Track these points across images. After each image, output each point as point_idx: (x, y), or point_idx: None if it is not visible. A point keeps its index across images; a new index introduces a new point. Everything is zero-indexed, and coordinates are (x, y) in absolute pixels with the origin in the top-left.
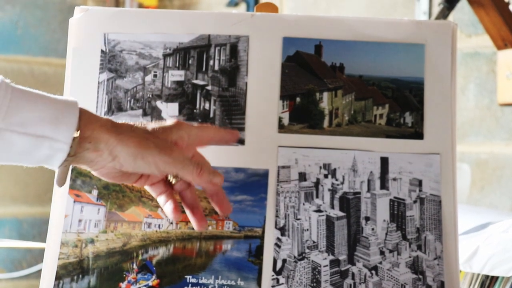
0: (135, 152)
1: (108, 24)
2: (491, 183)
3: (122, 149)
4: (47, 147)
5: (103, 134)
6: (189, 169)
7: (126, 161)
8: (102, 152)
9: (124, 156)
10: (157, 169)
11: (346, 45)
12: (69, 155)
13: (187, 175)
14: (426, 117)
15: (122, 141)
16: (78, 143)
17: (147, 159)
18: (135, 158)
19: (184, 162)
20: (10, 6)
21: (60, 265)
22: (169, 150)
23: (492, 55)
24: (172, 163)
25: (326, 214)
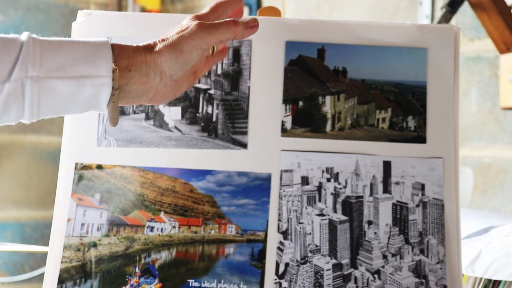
0: (173, 55)
1: (111, 28)
2: (493, 187)
3: (162, 61)
4: (90, 86)
5: (139, 57)
6: (225, 26)
7: (172, 68)
8: (148, 76)
9: (167, 65)
10: (202, 50)
11: (349, 49)
12: (114, 89)
13: (228, 33)
14: (429, 121)
15: (156, 54)
16: (120, 74)
17: (186, 50)
18: (177, 58)
19: (218, 25)
20: (12, 10)
21: (62, 269)
22: (195, 28)
23: (495, 59)
24: (209, 34)
25: (329, 218)
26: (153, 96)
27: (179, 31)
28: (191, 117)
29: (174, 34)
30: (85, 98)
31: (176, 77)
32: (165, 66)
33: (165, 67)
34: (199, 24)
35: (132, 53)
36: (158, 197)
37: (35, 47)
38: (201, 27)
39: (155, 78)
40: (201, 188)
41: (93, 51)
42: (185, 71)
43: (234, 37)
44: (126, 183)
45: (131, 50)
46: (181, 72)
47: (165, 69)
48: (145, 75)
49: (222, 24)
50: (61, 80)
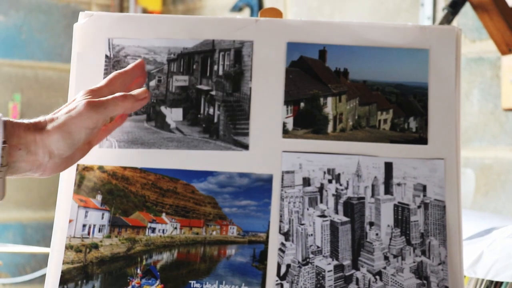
0: (60, 136)
1: (113, 29)
2: (495, 188)
3: (51, 141)
4: None
5: (29, 136)
6: (113, 103)
7: (61, 148)
8: (36, 154)
9: (55, 145)
10: (90, 129)
11: (350, 50)
12: (2, 166)
13: (117, 110)
14: (430, 122)
15: (45, 134)
16: (9, 152)
17: (74, 131)
18: (65, 139)
19: (106, 103)
20: (14, 11)
21: (64, 270)
22: (83, 108)
23: (496, 60)
24: (96, 114)
25: (330, 219)
26: (43, 172)
27: (68, 111)
28: (193, 118)
29: (63, 114)
30: None
31: (66, 155)
32: (54, 146)
33: (53, 147)
34: (87, 104)
35: (23, 131)
36: (160, 198)
37: None
38: (89, 106)
39: (44, 157)
40: (203, 189)
41: None
42: (75, 149)
43: (125, 112)
44: (127, 184)
45: (22, 128)
46: (70, 150)
47: (54, 149)
48: (34, 153)
49: (109, 102)
50: None
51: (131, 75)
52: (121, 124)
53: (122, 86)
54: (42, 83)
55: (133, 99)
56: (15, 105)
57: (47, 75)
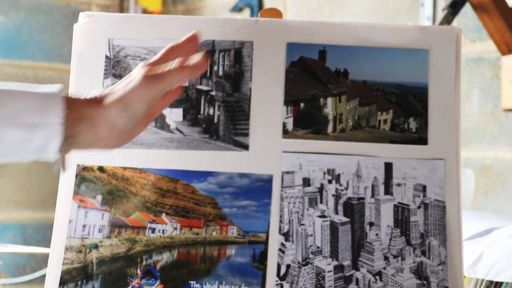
0: (120, 109)
1: (113, 30)
2: (495, 188)
3: (111, 115)
4: (40, 135)
5: (89, 110)
6: (170, 75)
7: (121, 121)
8: (98, 127)
9: (116, 118)
10: (148, 101)
11: (350, 51)
12: (64, 139)
13: (174, 80)
14: (430, 122)
15: (105, 108)
16: (71, 125)
17: (133, 103)
18: (124, 112)
19: (164, 75)
20: (14, 11)
21: (64, 270)
22: (141, 80)
23: (496, 60)
24: (154, 86)
25: (330, 219)
26: (106, 144)
27: (126, 83)
28: (193, 118)
29: (121, 87)
30: (34, 146)
31: (127, 127)
32: (114, 119)
33: (114, 120)
34: (145, 77)
35: (82, 105)
36: (160, 198)
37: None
38: (146, 79)
39: (105, 130)
40: (203, 189)
41: (45, 101)
42: (136, 121)
43: (183, 82)
44: (127, 184)
45: (82, 103)
46: (131, 123)
47: (114, 122)
48: (95, 127)
49: (167, 74)
50: (11, 127)
51: (185, 48)
52: (178, 96)
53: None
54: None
55: (192, 68)
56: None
57: (47, 76)
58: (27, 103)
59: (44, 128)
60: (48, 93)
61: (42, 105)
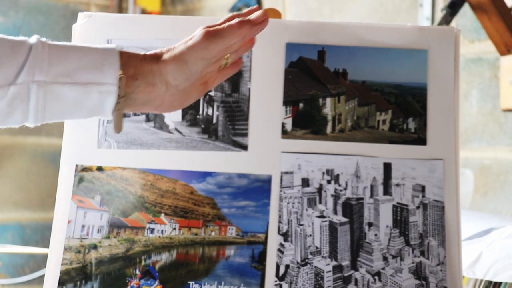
0: (177, 65)
1: (112, 30)
2: (494, 188)
3: (168, 71)
4: (96, 92)
5: (146, 66)
6: (230, 31)
7: (178, 78)
8: (153, 84)
9: (172, 75)
10: (206, 59)
11: (349, 51)
12: (120, 97)
13: (234, 38)
14: (429, 122)
15: (162, 64)
16: (126, 83)
17: (191, 60)
18: (181, 69)
19: (223, 31)
20: (13, 12)
21: (63, 270)
22: (199, 37)
23: (495, 60)
24: (213, 43)
25: (329, 219)
26: (159, 105)
27: (185, 41)
28: (192, 119)
29: (181, 44)
30: (90, 105)
31: (182, 87)
32: (170, 76)
33: (170, 77)
34: (204, 33)
35: (139, 62)
36: (159, 199)
37: (43, 52)
38: (205, 36)
39: (161, 88)
40: (202, 190)
41: (101, 58)
42: (192, 81)
43: (243, 40)
44: (126, 185)
45: (138, 59)
46: (187, 82)
47: (171, 79)
48: (151, 84)
49: (225, 29)
50: (67, 85)
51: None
52: (236, 70)
53: None
54: None
55: (250, 24)
56: None
57: None
58: (83, 60)
59: (100, 86)
60: (105, 49)
61: (98, 63)
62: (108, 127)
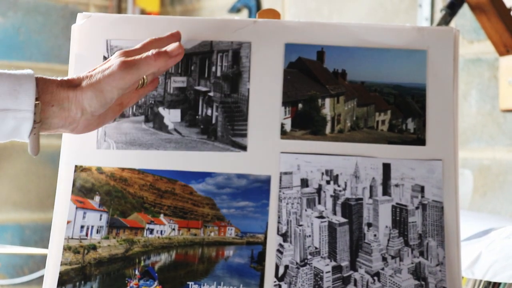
0: (93, 94)
1: (111, 31)
2: (493, 189)
3: (83, 98)
4: (12, 118)
5: (62, 93)
6: (146, 63)
7: (93, 105)
8: (69, 110)
9: (88, 103)
10: (122, 89)
11: (348, 51)
12: (36, 122)
13: (150, 69)
14: (428, 123)
15: (79, 91)
16: (42, 109)
17: (107, 89)
18: (97, 97)
19: (139, 62)
20: (12, 12)
21: (62, 271)
22: (116, 67)
23: (494, 61)
24: (129, 73)
25: (328, 220)
26: (74, 128)
27: (103, 70)
28: (191, 119)
29: (98, 72)
30: (6, 129)
31: (97, 113)
32: (86, 104)
33: (86, 104)
34: (121, 63)
35: (55, 88)
36: (158, 199)
37: None
38: (122, 66)
39: (77, 114)
40: (201, 190)
41: (17, 85)
42: (107, 107)
43: (158, 71)
44: (125, 185)
45: (55, 85)
46: (102, 109)
47: (86, 106)
48: (67, 110)
49: (142, 61)
50: None
51: (166, 43)
52: (153, 89)
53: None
54: None
55: (166, 56)
56: None
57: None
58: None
59: (16, 113)
60: (21, 75)
61: (13, 90)
62: (107, 128)
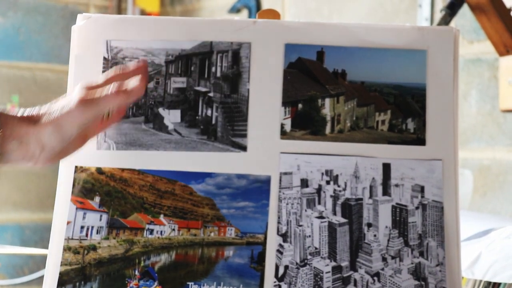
0: (53, 130)
1: (111, 31)
2: (493, 189)
3: (43, 134)
4: None
5: (23, 128)
6: (105, 100)
7: (53, 141)
8: (28, 145)
9: (48, 138)
10: (82, 123)
11: (348, 52)
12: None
13: (109, 106)
14: (428, 123)
15: (39, 127)
16: (2, 143)
17: (66, 126)
18: (57, 133)
19: (99, 100)
20: (12, 12)
21: (62, 271)
22: (75, 104)
23: (494, 61)
24: (88, 110)
25: (328, 220)
26: (36, 161)
27: (62, 106)
28: (191, 120)
29: (58, 108)
30: None
31: (58, 148)
32: (46, 140)
33: (45, 140)
34: (80, 100)
35: (16, 123)
36: (158, 199)
37: None
38: (81, 103)
39: (36, 149)
40: (201, 190)
41: None
42: (67, 143)
43: (118, 107)
44: (125, 186)
45: (16, 120)
46: (61, 144)
47: (46, 142)
48: (26, 145)
49: (102, 99)
50: None
51: (130, 76)
52: (118, 120)
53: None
54: (40, 85)
55: (126, 94)
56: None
57: (45, 77)
58: None
59: None
60: None
61: None
62: (107, 128)
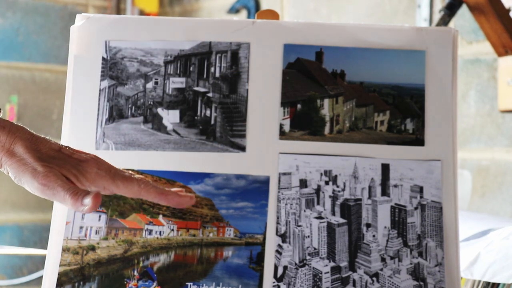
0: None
1: (109, 32)
2: (492, 189)
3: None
4: None
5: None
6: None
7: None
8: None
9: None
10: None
11: (347, 52)
12: None
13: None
14: (427, 123)
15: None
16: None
17: (25, 183)
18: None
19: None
20: (11, 13)
21: (61, 272)
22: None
23: (493, 61)
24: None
25: (327, 220)
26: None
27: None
28: (190, 120)
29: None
30: None
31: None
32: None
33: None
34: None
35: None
36: None
37: None
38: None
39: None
40: (200, 191)
41: None
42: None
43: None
44: None
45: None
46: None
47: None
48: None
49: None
50: None
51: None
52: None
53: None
54: (39, 85)
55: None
56: (12, 107)
57: (44, 77)
58: None
59: None
60: None
61: None
62: (106, 129)
